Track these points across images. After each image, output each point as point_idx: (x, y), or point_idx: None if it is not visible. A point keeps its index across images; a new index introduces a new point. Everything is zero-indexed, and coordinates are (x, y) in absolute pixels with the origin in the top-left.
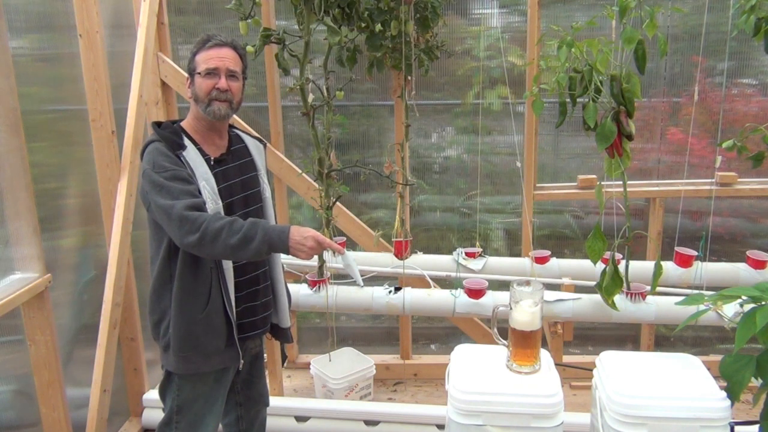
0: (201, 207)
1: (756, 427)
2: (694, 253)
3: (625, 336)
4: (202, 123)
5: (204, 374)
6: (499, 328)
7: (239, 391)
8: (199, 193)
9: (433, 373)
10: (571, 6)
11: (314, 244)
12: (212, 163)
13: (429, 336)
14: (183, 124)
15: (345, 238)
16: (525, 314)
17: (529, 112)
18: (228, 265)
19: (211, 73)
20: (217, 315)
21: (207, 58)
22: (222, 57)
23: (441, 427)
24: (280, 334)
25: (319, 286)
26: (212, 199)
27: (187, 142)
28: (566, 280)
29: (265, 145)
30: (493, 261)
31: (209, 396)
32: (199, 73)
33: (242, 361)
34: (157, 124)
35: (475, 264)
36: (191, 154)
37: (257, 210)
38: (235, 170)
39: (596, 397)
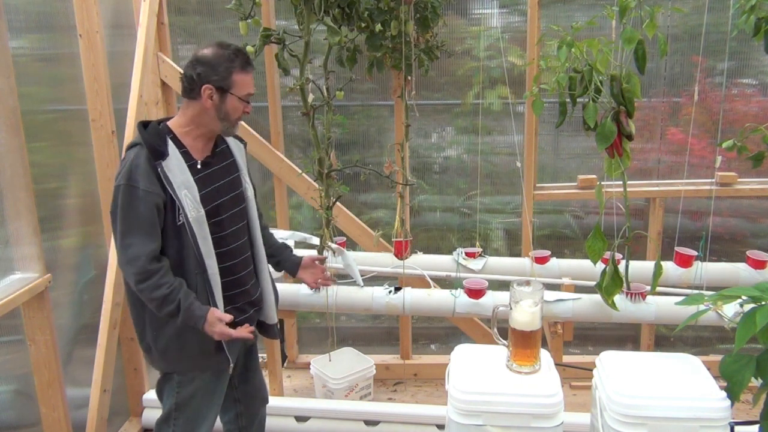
0: (158, 256)
1: (756, 427)
2: (694, 253)
3: (625, 336)
4: (200, 130)
5: (203, 371)
6: (499, 328)
7: (236, 387)
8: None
9: (433, 373)
10: (571, 6)
11: (219, 337)
12: (199, 166)
13: (429, 336)
14: (171, 124)
15: (345, 238)
16: (525, 314)
17: (529, 112)
18: (213, 270)
19: (247, 98)
20: None
21: (246, 83)
22: (253, 82)
23: (441, 427)
24: (266, 331)
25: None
26: (194, 207)
27: (171, 147)
28: (566, 280)
29: (245, 145)
30: (493, 261)
31: (208, 391)
32: (234, 95)
33: (232, 364)
34: (144, 125)
35: (475, 264)
36: (172, 162)
37: (242, 211)
38: (220, 172)
39: (596, 397)
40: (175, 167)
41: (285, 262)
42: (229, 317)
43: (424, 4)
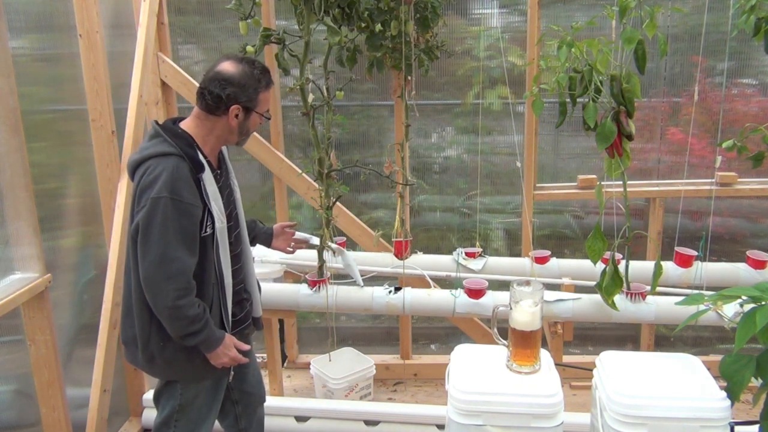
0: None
1: (756, 427)
2: (694, 253)
3: (625, 336)
4: (219, 142)
5: (207, 378)
6: (499, 328)
7: (233, 388)
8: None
9: (433, 373)
10: (571, 6)
11: (228, 362)
12: (219, 175)
13: (429, 336)
14: (191, 131)
15: (345, 238)
16: (525, 314)
17: (529, 112)
18: (229, 280)
19: (268, 115)
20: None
21: (268, 99)
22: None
23: (441, 427)
24: (255, 323)
25: (319, 286)
26: (219, 218)
27: (201, 158)
28: (566, 280)
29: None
30: (493, 261)
31: (209, 393)
32: (258, 112)
33: (232, 373)
34: (171, 132)
35: (475, 264)
36: (207, 173)
37: (238, 214)
38: (225, 179)
39: (596, 397)
40: (208, 179)
41: (259, 235)
42: (247, 347)
43: (424, 4)
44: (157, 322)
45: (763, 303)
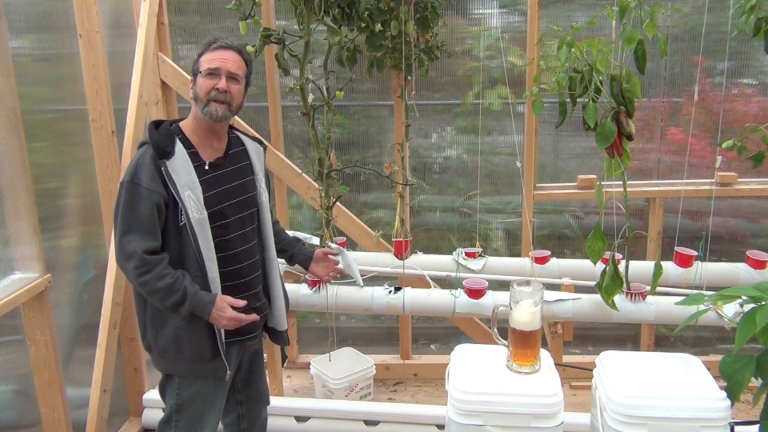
0: (157, 251)
1: (756, 427)
2: (694, 253)
3: (625, 336)
4: (201, 124)
5: (199, 377)
6: (499, 328)
7: (239, 390)
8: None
9: (433, 373)
10: (571, 6)
11: (228, 322)
12: (206, 167)
13: (429, 336)
14: (182, 124)
15: (345, 238)
16: (525, 314)
17: (529, 112)
18: (214, 274)
19: (213, 73)
20: (200, 322)
21: (210, 59)
22: (225, 59)
23: (441, 427)
24: (277, 337)
25: (319, 286)
26: (197, 209)
27: (178, 147)
28: (566, 280)
29: (265, 148)
30: (493, 261)
31: (209, 394)
32: (201, 73)
33: (229, 372)
34: (156, 124)
35: (475, 264)
36: (178, 161)
37: (252, 215)
38: (230, 174)
39: (596, 397)
40: (180, 167)
41: (297, 255)
42: (242, 303)
43: (424, 4)
44: (150, 312)
45: (763, 303)
